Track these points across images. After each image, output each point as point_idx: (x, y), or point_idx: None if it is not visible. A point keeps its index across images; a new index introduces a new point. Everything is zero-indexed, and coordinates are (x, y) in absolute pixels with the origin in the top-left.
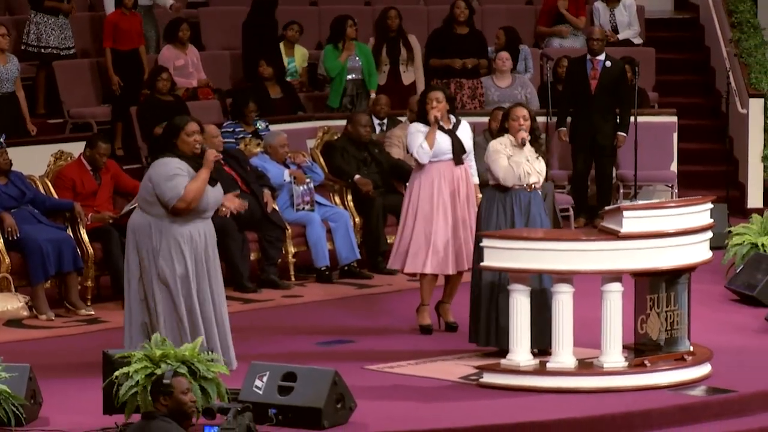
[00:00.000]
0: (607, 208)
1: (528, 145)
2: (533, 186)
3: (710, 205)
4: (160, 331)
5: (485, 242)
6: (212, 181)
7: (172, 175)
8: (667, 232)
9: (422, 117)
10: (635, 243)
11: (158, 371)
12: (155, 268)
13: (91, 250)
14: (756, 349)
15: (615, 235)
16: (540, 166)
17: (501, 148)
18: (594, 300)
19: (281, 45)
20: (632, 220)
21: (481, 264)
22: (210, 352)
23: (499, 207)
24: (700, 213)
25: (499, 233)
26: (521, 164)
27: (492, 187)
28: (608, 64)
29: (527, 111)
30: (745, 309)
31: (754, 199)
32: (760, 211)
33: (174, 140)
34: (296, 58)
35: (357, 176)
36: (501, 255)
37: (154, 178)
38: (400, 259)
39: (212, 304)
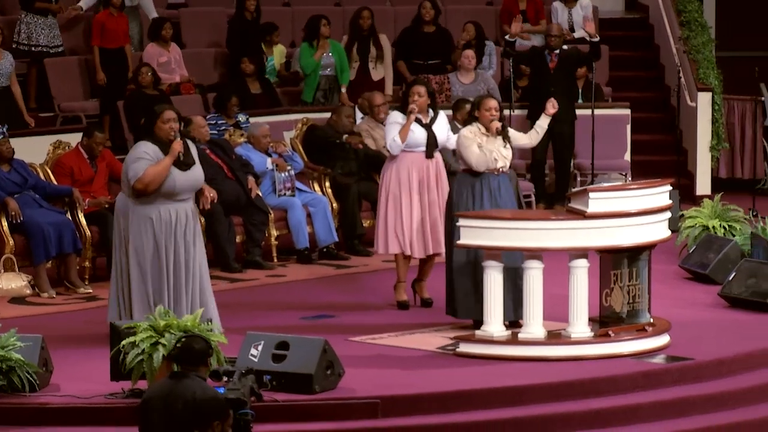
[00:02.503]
0: (573, 190)
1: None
2: (500, 170)
3: (669, 188)
4: (133, 302)
5: (461, 222)
6: (185, 167)
7: (138, 158)
8: (630, 212)
9: (403, 108)
10: (600, 222)
11: (162, 340)
12: (127, 244)
13: (88, 233)
14: (710, 321)
15: (581, 215)
16: (507, 152)
17: (471, 135)
18: (562, 278)
19: (262, 45)
20: (597, 201)
21: (457, 242)
22: (209, 322)
23: (469, 191)
24: (660, 194)
25: (474, 214)
26: (493, 151)
27: (463, 173)
28: (565, 47)
29: (497, 102)
30: (698, 286)
31: (703, 187)
32: (708, 198)
33: (152, 126)
34: (275, 57)
35: (345, 136)
36: (476, 234)
37: (126, 160)
38: (381, 240)
39: (186, 281)
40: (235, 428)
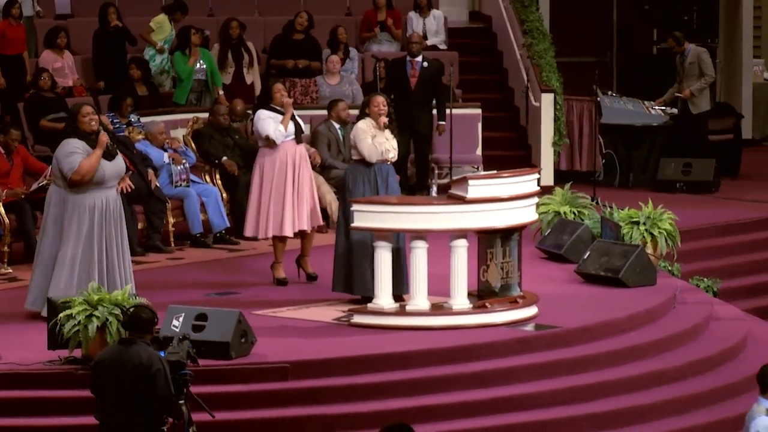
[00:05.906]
0: (454, 178)
1: None
2: (389, 160)
3: (537, 176)
4: (72, 279)
5: (354, 207)
6: (110, 157)
7: (70, 152)
8: (503, 197)
9: (266, 104)
10: (478, 206)
11: (96, 313)
12: (64, 229)
13: (6, 221)
14: (570, 294)
15: (462, 200)
16: (394, 143)
17: (366, 128)
18: (444, 258)
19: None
20: (476, 188)
21: (351, 225)
22: (136, 297)
23: (364, 178)
24: (529, 182)
25: (366, 199)
26: (383, 143)
27: (356, 162)
28: (425, 64)
29: (385, 99)
30: (555, 265)
31: (547, 179)
32: (551, 189)
33: (75, 123)
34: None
35: (225, 158)
36: (368, 217)
37: (57, 156)
38: (263, 226)
39: (119, 258)
40: (174, 387)
